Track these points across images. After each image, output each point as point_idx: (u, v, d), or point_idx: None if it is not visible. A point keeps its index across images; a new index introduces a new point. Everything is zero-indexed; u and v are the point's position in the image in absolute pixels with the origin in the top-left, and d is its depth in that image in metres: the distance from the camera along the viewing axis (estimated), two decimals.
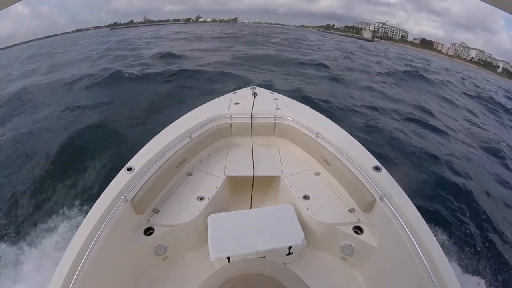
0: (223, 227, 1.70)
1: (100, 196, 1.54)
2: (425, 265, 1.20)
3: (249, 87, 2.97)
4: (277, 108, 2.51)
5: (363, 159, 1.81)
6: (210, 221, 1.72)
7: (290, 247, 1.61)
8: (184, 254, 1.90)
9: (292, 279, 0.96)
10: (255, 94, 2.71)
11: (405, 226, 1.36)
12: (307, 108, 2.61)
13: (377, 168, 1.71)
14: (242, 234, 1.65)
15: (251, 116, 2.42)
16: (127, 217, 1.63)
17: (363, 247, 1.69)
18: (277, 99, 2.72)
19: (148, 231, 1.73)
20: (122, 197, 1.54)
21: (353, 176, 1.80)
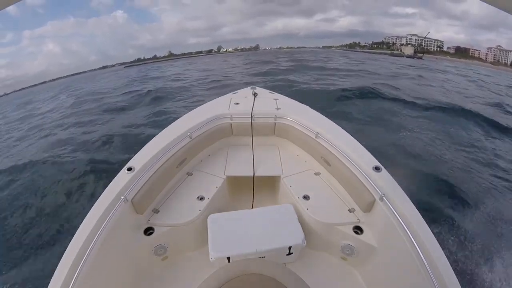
0: (223, 227, 1.70)
1: (100, 196, 1.54)
2: (425, 265, 1.20)
3: (249, 87, 2.97)
4: (277, 108, 2.51)
5: (363, 159, 1.81)
6: (210, 221, 1.73)
7: (290, 247, 1.61)
8: (184, 254, 1.90)
9: (292, 279, 0.95)
10: (255, 94, 2.71)
11: (405, 226, 1.36)
12: (307, 108, 2.61)
13: (377, 168, 1.71)
14: (242, 234, 1.65)
15: (251, 116, 2.42)
16: (127, 217, 1.63)
17: (363, 247, 1.69)
18: (277, 99, 2.72)
19: (148, 231, 1.73)
20: (122, 197, 1.54)
21: (353, 176, 1.79)
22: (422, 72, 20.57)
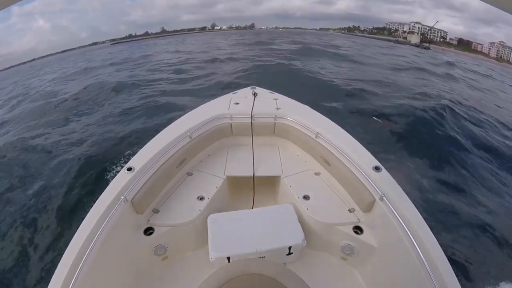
0: (223, 227, 1.70)
1: (100, 196, 1.54)
2: (425, 265, 1.20)
3: (249, 87, 2.97)
4: (277, 108, 2.51)
5: (363, 159, 1.81)
6: (210, 221, 1.72)
7: (290, 247, 1.61)
8: (184, 254, 1.90)
9: (292, 279, 0.95)
10: (255, 94, 2.71)
11: (405, 226, 1.36)
12: (307, 108, 2.61)
13: (377, 168, 1.71)
14: (242, 234, 1.65)
15: (251, 116, 2.42)
16: (127, 217, 1.63)
17: (363, 247, 1.69)
18: (277, 99, 2.71)
19: (148, 231, 1.73)
20: (122, 197, 1.54)
21: (353, 176, 1.79)
22: (447, 69, 18.40)
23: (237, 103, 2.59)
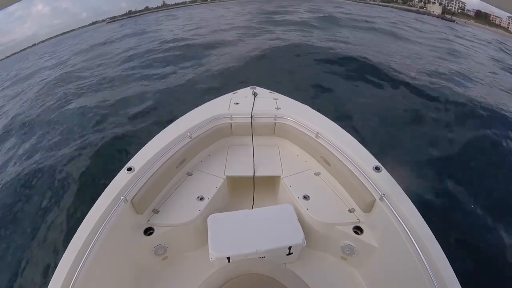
0: (223, 227, 1.70)
1: (100, 196, 1.54)
2: (425, 265, 1.20)
3: (249, 87, 2.97)
4: (277, 108, 2.51)
5: (363, 159, 1.81)
6: (210, 221, 1.73)
7: (290, 247, 1.61)
8: (184, 254, 1.90)
9: (292, 279, 0.95)
10: (255, 94, 2.71)
11: (405, 226, 1.36)
12: (307, 108, 2.61)
13: (377, 168, 1.71)
14: (242, 234, 1.65)
15: (251, 116, 2.42)
16: (127, 217, 1.63)
17: (363, 247, 1.69)
18: (277, 99, 2.71)
19: (148, 231, 1.73)
20: (122, 197, 1.54)
21: (353, 176, 1.79)
22: (495, 53, 14.51)
23: (237, 103, 2.59)
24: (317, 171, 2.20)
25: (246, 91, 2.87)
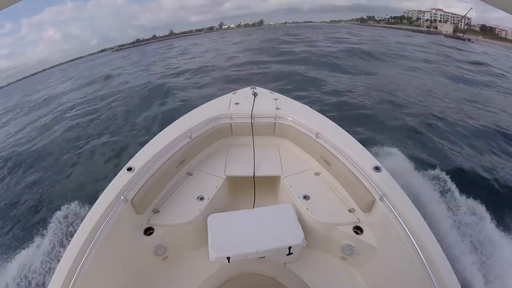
0: (223, 227, 1.70)
1: (100, 196, 1.55)
2: (425, 265, 1.20)
3: (249, 87, 2.97)
4: (277, 108, 2.51)
5: (363, 159, 1.81)
6: (210, 221, 1.72)
7: (290, 247, 1.61)
8: (184, 254, 1.90)
9: (292, 279, 0.95)
10: (255, 94, 2.71)
11: (405, 226, 1.36)
12: (307, 108, 2.61)
13: (377, 168, 1.71)
14: (242, 234, 1.65)
15: (251, 116, 2.42)
16: (127, 217, 1.63)
17: (363, 247, 1.69)
18: (277, 99, 2.71)
19: (148, 231, 1.73)
20: (122, 197, 1.54)
21: (353, 176, 1.79)
22: None
23: (237, 103, 2.59)
24: (317, 171, 2.20)
25: (246, 91, 2.87)
